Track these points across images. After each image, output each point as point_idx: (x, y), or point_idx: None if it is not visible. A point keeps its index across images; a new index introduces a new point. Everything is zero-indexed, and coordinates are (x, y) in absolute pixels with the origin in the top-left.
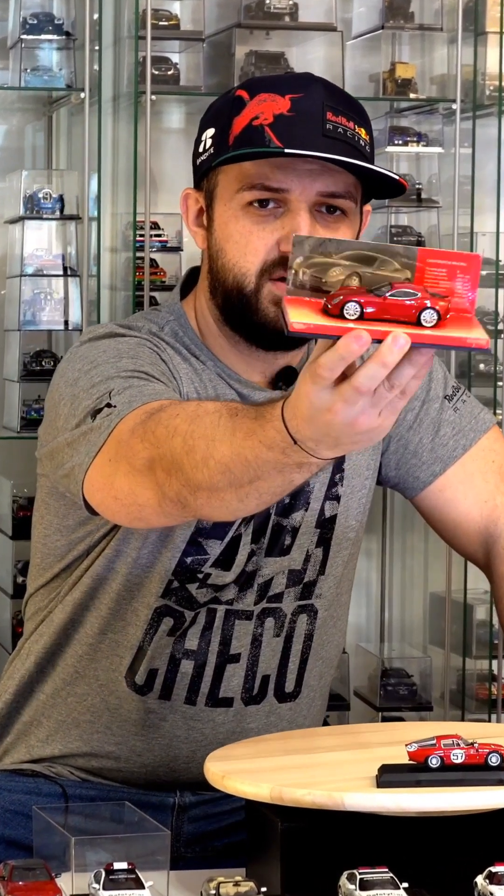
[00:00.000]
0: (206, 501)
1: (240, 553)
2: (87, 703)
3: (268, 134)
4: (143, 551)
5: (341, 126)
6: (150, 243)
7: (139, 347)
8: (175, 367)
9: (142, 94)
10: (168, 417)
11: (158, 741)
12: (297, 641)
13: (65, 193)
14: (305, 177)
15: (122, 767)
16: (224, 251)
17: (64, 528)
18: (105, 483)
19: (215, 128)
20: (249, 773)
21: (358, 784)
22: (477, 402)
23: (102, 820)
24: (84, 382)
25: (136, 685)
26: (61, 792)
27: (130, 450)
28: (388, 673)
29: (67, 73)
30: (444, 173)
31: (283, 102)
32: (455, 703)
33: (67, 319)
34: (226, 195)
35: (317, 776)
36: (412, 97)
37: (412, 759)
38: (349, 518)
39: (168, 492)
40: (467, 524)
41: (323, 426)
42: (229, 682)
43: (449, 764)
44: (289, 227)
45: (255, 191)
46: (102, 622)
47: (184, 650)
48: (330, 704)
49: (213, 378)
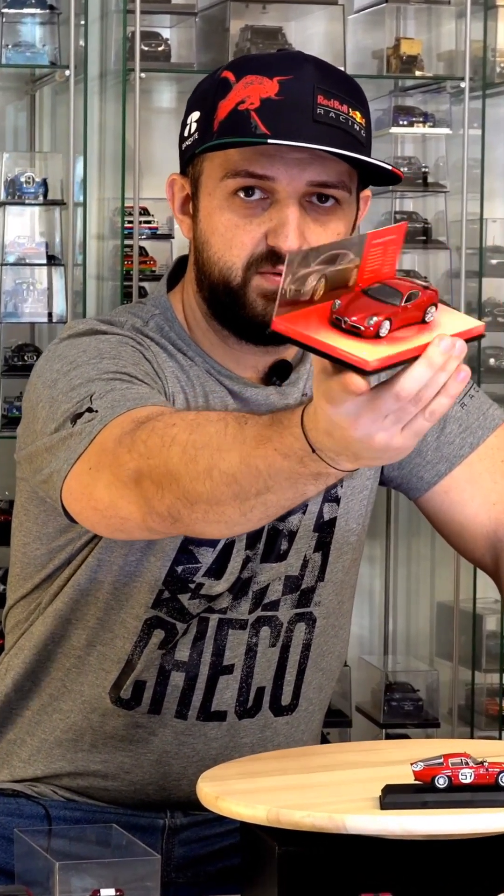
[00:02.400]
0: (204, 516)
1: (233, 560)
2: (69, 720)
3: (254, 120)
4: (129, 559)
5: (333, 110)
6: (139, 230)
7: (121, 346)
8: (160, 364)
9: (130, 71)
10: (164, 426)
11: (147, 757)
12: (294, 651)
13: (48, 177)
14: (293, 166)
15: (110, 786)
16: (209, 244)
17: (44, 535)
18: (84, 493)
19: (200, 111)
20: (245, 794)
21: (360, 805)
22: (486, 398)
23: (88, 843)
24: (63, 384)
25: (122, 700)
26: (44, 813)
27: (116, 460)
28: (393, 687)
29: (51, 50)
30: (452, 156)
31: (271, 85)
32: (463, 719)
33: (51, 311)
34: (210, 183)
35: (316, 797)
36: (418, 75)
37: (418, 778)
38: (349, 521)
39: (157, 506)
40: (474, 527)
41: (342, 441)
42: (222, 695)
43: (457, 784)
44: (276, 220)
45: (239, 178)
46: (90, 633)
47: (174, 661)
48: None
49: (201, 375)
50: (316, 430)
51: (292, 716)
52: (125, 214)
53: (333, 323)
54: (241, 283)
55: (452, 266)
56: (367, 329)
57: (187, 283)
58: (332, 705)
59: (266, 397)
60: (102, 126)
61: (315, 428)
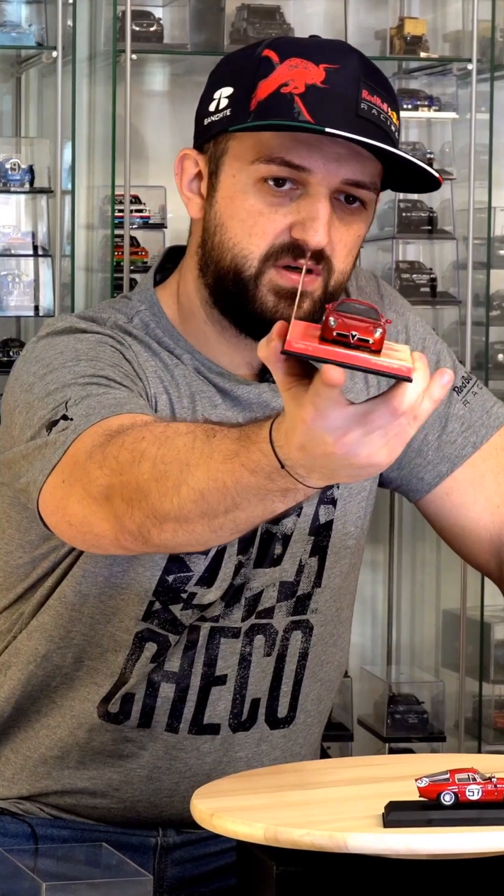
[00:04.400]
0: (173, 535)
1: (225, 566)
2: (56, 736)
3: (297, 105)
4: (115, 570)
5: (376, 107)
6: (131, 219)
7: (100, 346)
8: (141, 364)
9: (121, 52)
10: (133, 441)
11: (137, 773)
12: (290, 661)
13: (35, 164)
14: (332, 160)
15: (98, 804)
16: (225, 227)
17: (27, 543)
18: (58, 506)
19: (234, 87)
20: (241, 811)
21: (362, 823)
22: (490, 395)
23: (77, 863)
24: (39, 389)
25: (110, 714)
26: (30, 832)
27: (87, 475)
28: (396, 699)
29: (38, 30)
30: (459, 141)
31: (317, 72)
32: (471, 732)
33: (38, 305)
34: (236, 165)
35: (316, 814)
36: (423, 56)
37: (423, 795)
38: (347, 524)
39: (128, 524)
40: (478, 531)
41: (320, 457)
42: (215, 707)
43: (464, 801)
44: (305, 213)
45: (273, 165)
46: (76, 651)
47: (163, 672)
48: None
49: (188, 374)
50: (287, 445)
51: (289, 729)
52: (115, 203)
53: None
54: (254, 273)
55: (459, 257)
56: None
57: (185, 269)
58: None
59: (258, 395)
60: (91, 110)
61: (286, 443)
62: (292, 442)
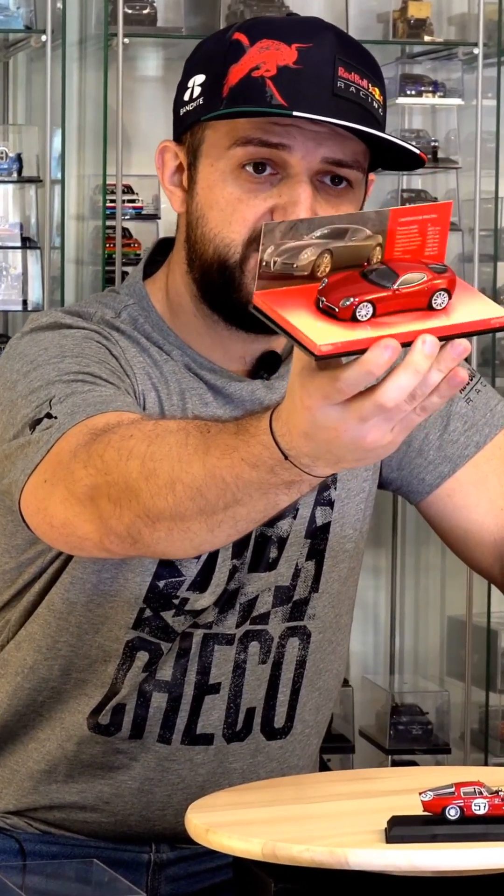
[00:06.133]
0: (167, 534)
1: (219, 570)
2: (44, 749)
3: (269, 88)
4: (103, 576)
5: (354, 84)
6: (123, 210)
7: (85, 342)
8: (129, 361)
9: (113, 36)
10: (120, 439)
11: (128, 785)
12: (287, 669)
13: (23, 152)
14: (310, 139)
15: (89, 818)
16: (206, 219)
17: (13, 547)
18: (40, 507)
19: (206, 74)
20: (238, 826)
21: (364, 839)
22: (494, 393)
23: (66, 880)
24: (22, 387)
25: (100, 726)
26: (18, 848)
27: (71, 475)
28: (399, 710)
29: (26, 13)
30: (465, 129)
31: (289, 52)
32: (477, 744)
33: (26, 299)
34: (213, 153)
35: (316, 829)
36: (427, 40)
37: (427, 809)
38: (345, 526)
39: (115, 526)
40: (481, 534)
41: (325, 444)
42: (208, 717)
43: (470, 815)
44: (286, 196)
45: (250, 147)
46: (64, 661)
47: (155, 681)
48: (332, 746)
49: (177, 370)
50: (290, 433)
51: (286, 739)
52: (107, 193)
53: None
54: (238, 260)
55: (465, 249)
56: (341, 311)
57: (174, 263)
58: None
59: (251, 392)
60: (82, 96)
61: (289, 431)
62: (295, 430)
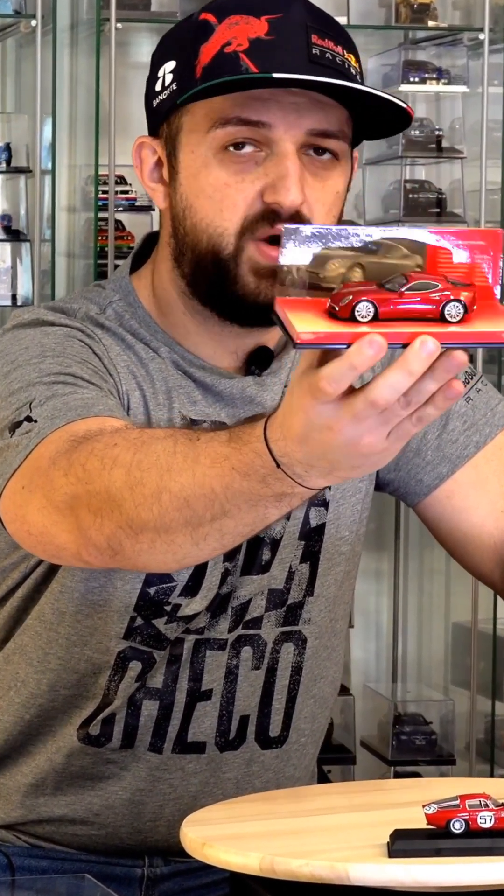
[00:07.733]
0: (150, 546)
1: (210, 574)
2: (33, 762)
3: (244, 61)
4: (91, 584)
5: (329, 51)
6: (115, 201)
7: (67, 340)
8: (112, 359)
9: (105, 21)
10: (104, 447)
11: (119, 796)
12: (281, 676)
13: (12, 141)
14: (291, 111)
15: (78, 831)
16: (194, 209)
17: None
18: (17, 514)
19: (176, 60)
20: (234, 840)
21: (365, 853)
22: (495, 392)
23: None
24: (2, 388)
25: (91, 736)
26: (6, 862)
27: (50, 483)
28: (402, 719)
29: None
30: (470, 117)
31: (259, 25)
32: (482, 755)
33: (15, 293)
34: (193, 139)
35: (316, 843)
36: (431, 25)
37: (431, 822)
38: (340, 528)
39: (94, 537)
40: (481, 537)
41: (319, 447)
42: (200, 724)
43: (475, 829)
44: (274, 174)
45: (230, 126)
46: (52, 675)
47: (146, 689)
48: (333, 757)
49: (164, 368)
50: (284, 438)
51: (282, 749)
52: (99, 183)
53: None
54: (233, 252)
55: None
56: (341, 309)
57: (159, 260)
58: (333, 740)
59: (242, 389)
60: (73, 83)
61: (283, 436)
62: (291, 435)
